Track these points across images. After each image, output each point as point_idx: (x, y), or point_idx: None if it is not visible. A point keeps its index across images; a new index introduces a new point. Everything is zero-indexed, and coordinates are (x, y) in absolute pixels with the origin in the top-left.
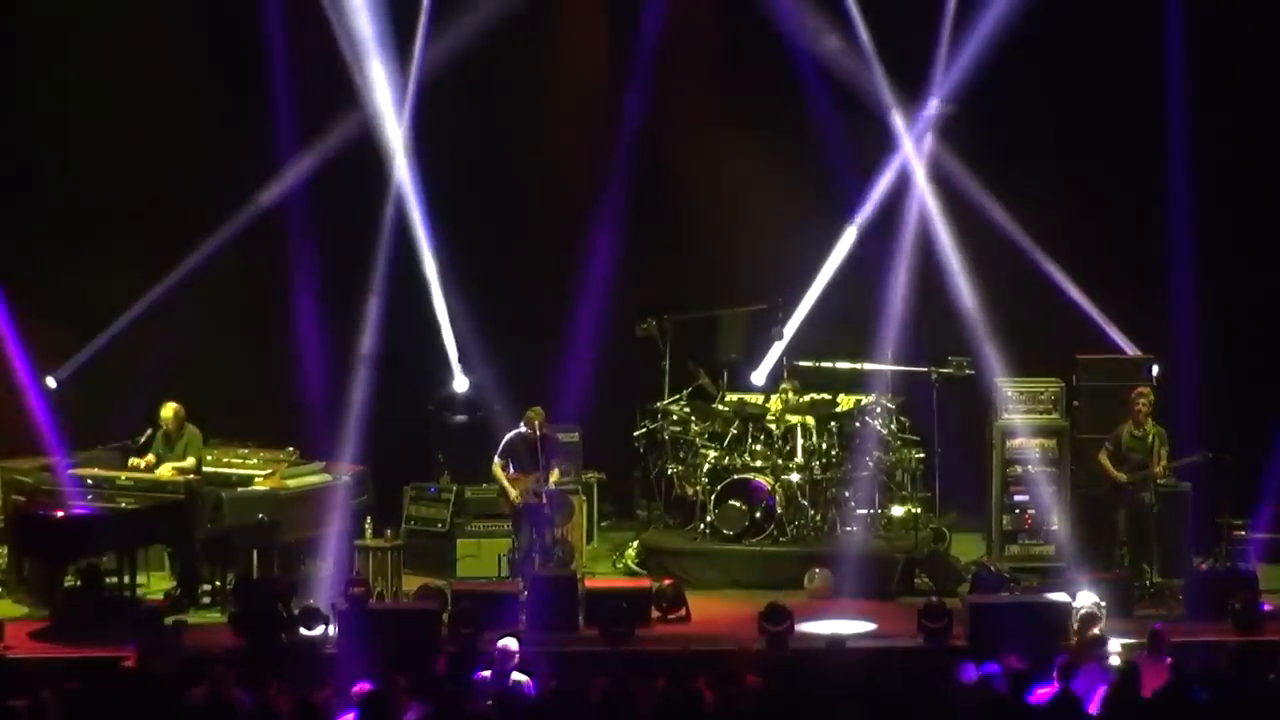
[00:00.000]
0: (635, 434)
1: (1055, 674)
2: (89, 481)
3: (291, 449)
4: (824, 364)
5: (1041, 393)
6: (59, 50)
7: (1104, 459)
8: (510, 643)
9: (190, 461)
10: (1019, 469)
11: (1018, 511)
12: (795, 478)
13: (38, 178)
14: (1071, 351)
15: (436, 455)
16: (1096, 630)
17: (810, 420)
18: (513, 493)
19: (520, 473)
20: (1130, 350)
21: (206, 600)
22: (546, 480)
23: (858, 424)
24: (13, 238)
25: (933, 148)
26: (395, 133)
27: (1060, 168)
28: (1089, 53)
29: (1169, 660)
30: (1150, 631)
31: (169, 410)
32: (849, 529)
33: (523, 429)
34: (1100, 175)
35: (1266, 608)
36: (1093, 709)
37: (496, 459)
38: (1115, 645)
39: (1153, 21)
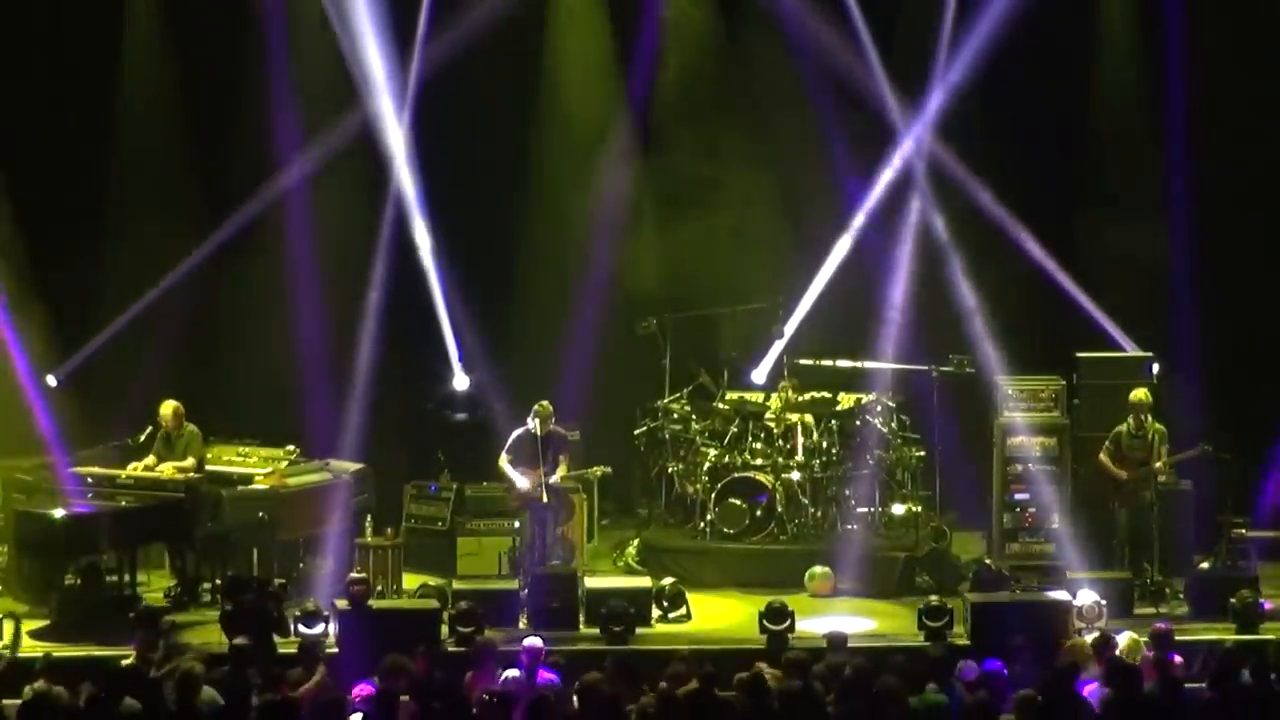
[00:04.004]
0: (636, 432)
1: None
2: (89, 480)
3: (291, 447)
4: (824, 362)
5: (1042, 391)
6: (56, 51)
7: (1104, 458)
8: (536, 641)
9: (191, 461)
10: (1019, 467)
11: (1018, 510)
12: (796, 476)
13: (36, 177)
14: (1072, 349)
15: (437, 453)
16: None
17: (810, 419)
18: (525, 482)
19: (526, 469)
20: (1130, 349)
21: (207, 599)
22: (553, 474)
23: (858, 422)
24: (12, 237)
25: (933, 146)
26: (395, 133)
27: (1060, 166)
28: (1089, 51)
29: (1177, 659)
30: (1152, 631)
31: (168, 408)
32: (849, 527)
33: (529, 423)
34: (1101, 173)
35: (1267, 606)
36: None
37: (504, 454)
38: (1122, 639)
39: (1154, 19)
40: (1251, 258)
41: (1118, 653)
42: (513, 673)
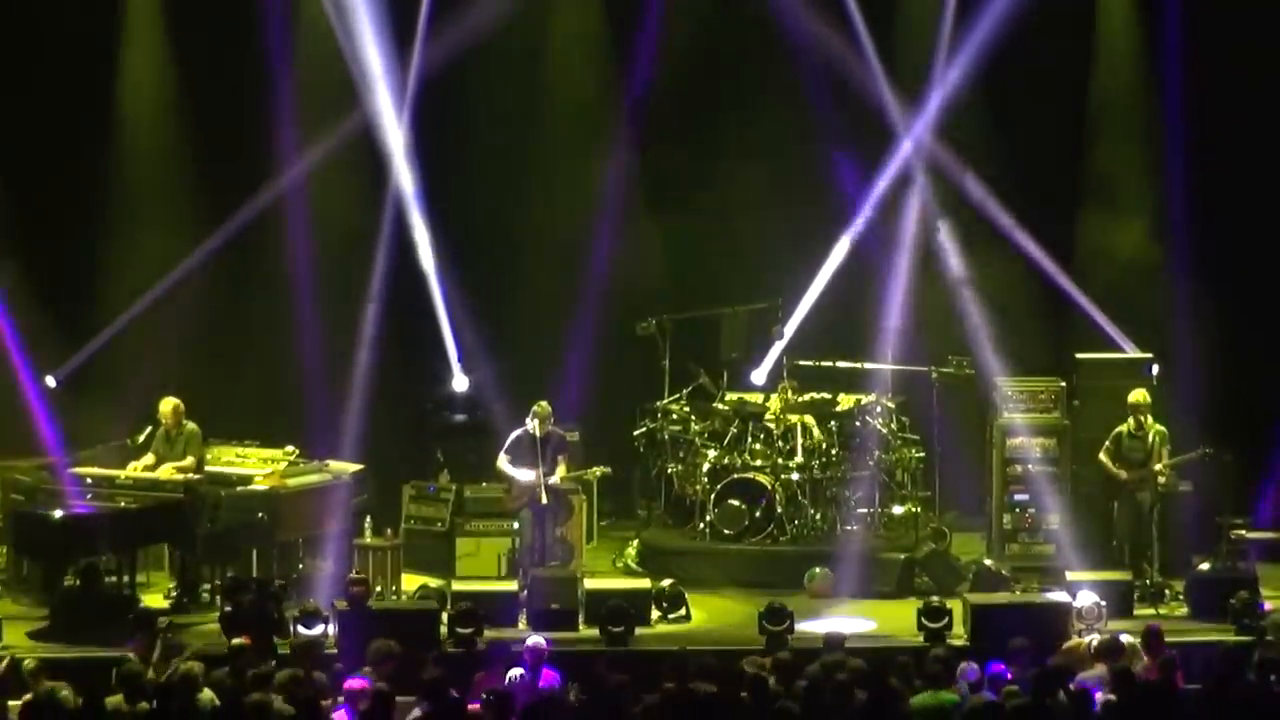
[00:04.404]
0: (635, 433)
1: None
2: (88, 480)
3: (291, 448)
4: (824, 363)
5: (1041, 392)
6: (56, 51)
7: (1104, 458)
8: (540, 640)
9: (190, 461)
10: (1019, 468)
11: (1018, 510)
12: (795, 477)
13: (37, 176)
14: (1071, 350)
15: (436, 454)
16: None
17: (810, 419)
18: (524, 483)
19: (526, 469)
20: (1130, 350)
21: (206, 599)
22: (552, 475)
23: (858, 423)
24: (12, 237)
25: (933, 147)
26: (395, 132)
27: (1060, 165)
28: (1088, 50)
29: (1172, 654)
30: (1145, 630)
31: (168, 405)
32: (849, 528)
33: (528, 424)
34: (1101, 173)
35: (1266, 607)
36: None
37: (502, 455)
38: (1126, 639)
39: (1153, 18)
40: (1251, 257)
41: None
42: (516, 672)
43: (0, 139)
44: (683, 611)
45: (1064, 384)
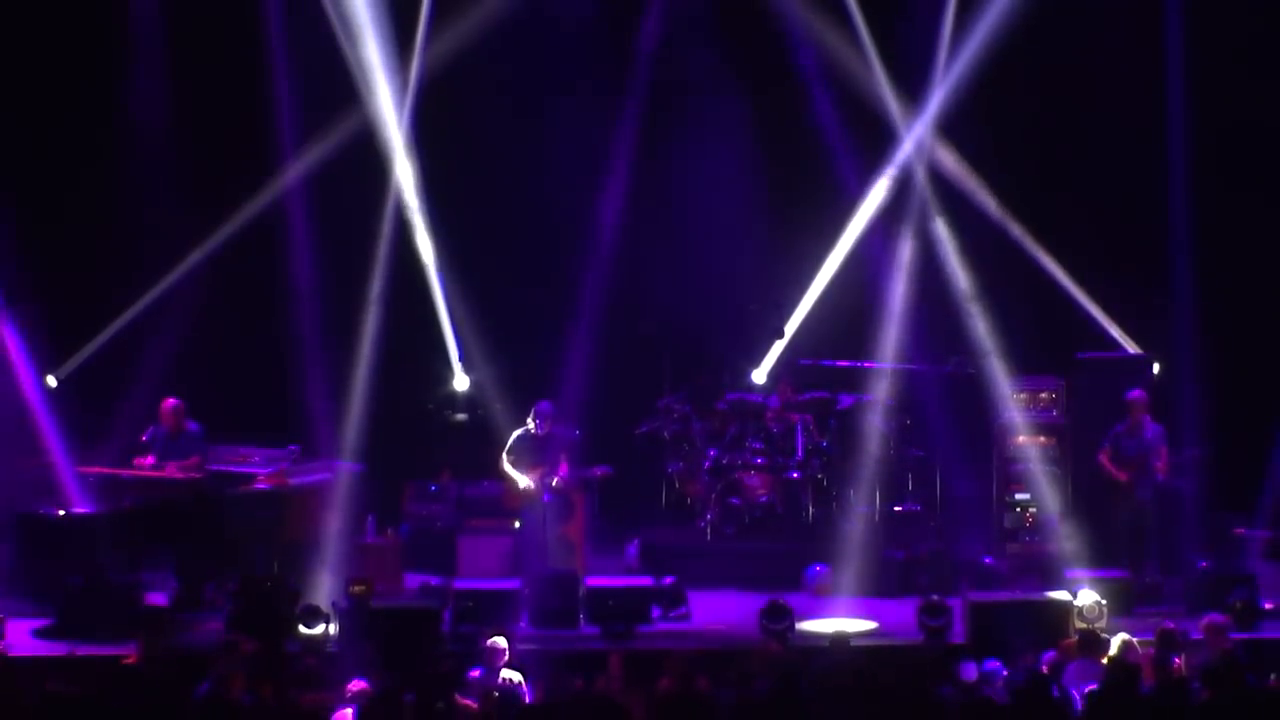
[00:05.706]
0: (636, 432)
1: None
2: (90, 480)
3: (293, 447)
4: (824, 362)
5: (1042, 391)
6: (58, 50)
7: (1103, 458)
8: (500, 641)
9: (193, 460)
10: (1019, 467)
11: (1018, 509)
12: (796, 475)
13: (37, 176)
14: (1071, 350)
15: (437, 453)
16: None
17: (811, 418)
18: (524, 482)
19: (528, 468)
20: (1130, 349)
21: (209, 599)
22: (554, 474)
23: (858, 422)
24: (12, 237)
25: (934, 146)
26: (395, 133)
27: (1060, 165)
28: (1089, 50)
29: (1178, 661)
30: (1160, 630)
31: (169, 407)
32: (849, 527)
33: (529, 423)
34: (1100, 173)
35: (1267, 606)
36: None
37: (505, 455)
38: (1117, 641)
39: (1153, 18)
40: (1252, 257)
41: (1112, 653)
42: (475, 673)
43: (1, 138)
44: (683, 610)
45: (1064, 383)
